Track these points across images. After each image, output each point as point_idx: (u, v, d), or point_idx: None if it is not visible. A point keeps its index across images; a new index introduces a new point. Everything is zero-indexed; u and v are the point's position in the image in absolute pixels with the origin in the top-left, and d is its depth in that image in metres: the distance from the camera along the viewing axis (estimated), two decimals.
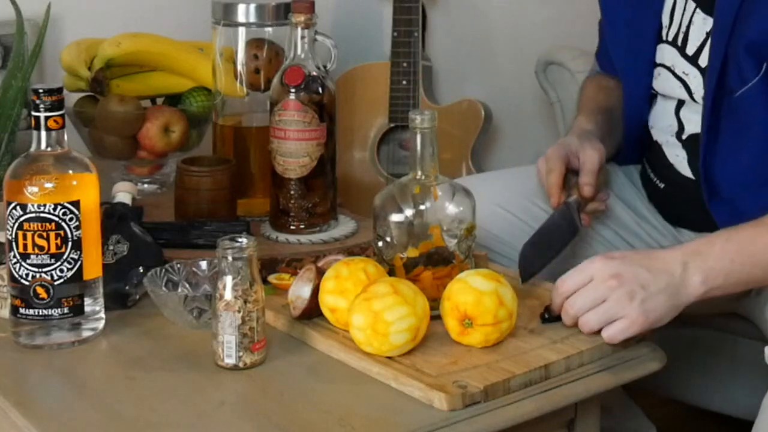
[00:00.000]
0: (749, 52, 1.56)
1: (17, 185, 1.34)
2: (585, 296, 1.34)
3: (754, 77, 1.56)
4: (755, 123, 1.59)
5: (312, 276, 1.39)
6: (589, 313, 1.34)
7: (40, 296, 1.35)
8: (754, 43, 1.55)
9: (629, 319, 1.33)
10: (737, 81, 1.58)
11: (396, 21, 2.36)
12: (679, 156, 1.71)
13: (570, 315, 1.36)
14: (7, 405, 1.23)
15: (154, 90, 2.00)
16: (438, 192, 1.41)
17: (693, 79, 1.66)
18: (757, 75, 1.56)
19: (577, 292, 1.35)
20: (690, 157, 1.69)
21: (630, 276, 1.34)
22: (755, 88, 1.57)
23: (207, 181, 1.68)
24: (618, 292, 1.33)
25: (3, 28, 1.95)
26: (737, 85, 1.58)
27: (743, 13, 1.57)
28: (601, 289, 1.34)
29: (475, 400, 1.23)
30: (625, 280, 1.33)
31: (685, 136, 1.70)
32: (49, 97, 1.33)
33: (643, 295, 1.33)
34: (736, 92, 1.59)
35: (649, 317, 1.33)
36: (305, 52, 1.60)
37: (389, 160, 2.45)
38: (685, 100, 1.69)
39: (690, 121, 1.69)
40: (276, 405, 1.23)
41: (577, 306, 1.35)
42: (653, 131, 1.77)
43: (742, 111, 1.59)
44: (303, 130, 1.60)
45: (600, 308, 1.33)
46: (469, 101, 2.45)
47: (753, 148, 1.60)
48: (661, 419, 2.04)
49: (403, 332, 1.28)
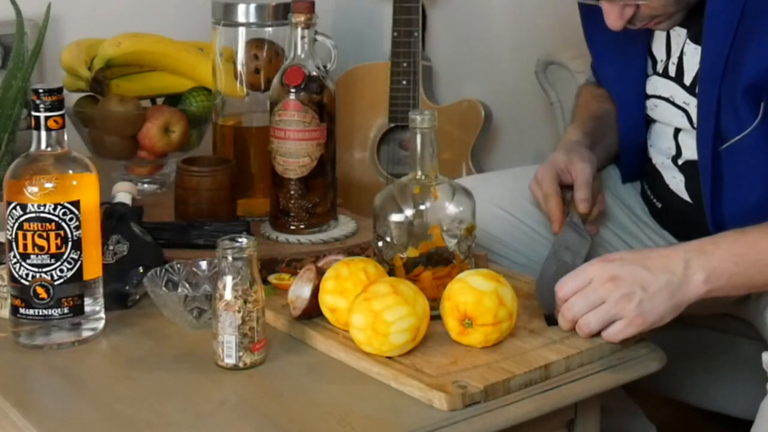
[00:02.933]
0: (747, 95, 1.48)
1: (17, 185, 1.34)
2: (583, 299, 1.34)
3: (753, 122, 1.49)
4: (759, 165, 1.53)
5: (312, 276, 1.39)
6: (588, 314, 1.34)
7: (40, 296, 1.35)
8: (754, 86, 1.47)
9: (628, 319, 1.33)
10: (734, 126, 1.52)
11: (396, 21, 2.36)
12: (676, 179, 1.69)
13: (568, 318, 1.36)
14: (7, 405, 1.23)
15: (154, 90, 2.00)
16: (438, 192, 1.41)
17: (694, 108, 1.60)
18: (755, 119, 1.49)
19: (576, 295, 1.35)
20: (687, 182, 1.67)
21: (628, 277, 1.33)
22: (755, 133, 1.50)
23: (207, 181, 1.68)
24: (616, 294, 1.33)
25: (3, 28, 1.95)
26: (734, 130, 1.52)
27: (736, 48, 1.49)
28: (599, 291, 1.34)
29: (475, 400, 1.23)
30: (624, 282, 1.33)
31: (681, 161, 1.67)
32: (49, 97, 1.33)
33: (642, 295, 1.33)
34: (733, 137, 1.52)
35: (648, 318, 1.33)
36: (305, 52, 1.60)
37: (389, 160, 2.45)
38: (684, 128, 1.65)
39: (688, 147, 1.65)
40: (276, 405, 1.23)
41: (575, 309, 1.35)
42: (651, 150, 1.74)
43: (743, 154, 1.53)
44: (303, 130, 1.60)
45: (599, 310, 1.33)
46: (469, 101, 2.45)
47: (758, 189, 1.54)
48: (661, 419, 2.04)
49: (403, 332, 1.28)
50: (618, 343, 1.35)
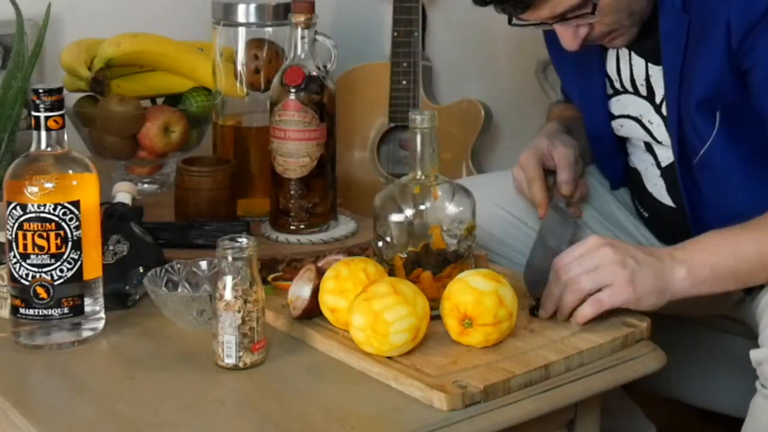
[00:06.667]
0: (700, 109, 1.53)
1: (17, 185, 1.34)
2: (579, 263, 1.37)
3: (711, 133, 1.54)
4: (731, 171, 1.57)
5: (312, 276, 1.39)
6: (581, 276, 1.36)
7: (40, 296, 1.35)
8: (704, 99, 1.52)
9: (618, 285, 1.35)
10: (697, 139, 1.56)
11: (396, 21, 2.36)
12: (657, 185, 1.71)
13: (562, 280, 1.37)
14: (7, 405, 1.23)
15: (154, 90, 2.00)
16: (438, 192, 1.41)
17: (657, 127, 1.64)
18: (713, 131, 1.54)
19: (572, 261, 1.38)
20: (669, 186, 1.69)
21: (624, 247, 1.38)
22: (716, 144, 1.55)
23: (207, 181, 1.68)
24: (611, 258, 1.36)
25: (3, 28, 1.95)
26: (698, 142, 1.56)
27: (688, 65, 1.53)
28: (594, 256, 1.36)
29: (475, 400, 1.23)
30: (618, 250, 1.37)
31: (662, 166, 1.68)
32: (49, 97, 1.33)
33: (634, 266, 1.36)
34: (699, 150, 1.56)
35: (637, 288, 1.35)
36: (305, 52, 1.60)
37: (389, 160, 2.45)
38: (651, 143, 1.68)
39: (663, 156, 1.68)
40: (276, 405, 1.23)
41: (571, 272, 1.37)
42: (631, 159, 1.76)
43: (713, 164, 1.57)
44: (303, 130, 1.60)
45: (592, 273, 1.36)
46: (469, 101, 2.45)
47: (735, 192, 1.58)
48: (661, 419, 2.04)
49: (403, 332, 1.28)
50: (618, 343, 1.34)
